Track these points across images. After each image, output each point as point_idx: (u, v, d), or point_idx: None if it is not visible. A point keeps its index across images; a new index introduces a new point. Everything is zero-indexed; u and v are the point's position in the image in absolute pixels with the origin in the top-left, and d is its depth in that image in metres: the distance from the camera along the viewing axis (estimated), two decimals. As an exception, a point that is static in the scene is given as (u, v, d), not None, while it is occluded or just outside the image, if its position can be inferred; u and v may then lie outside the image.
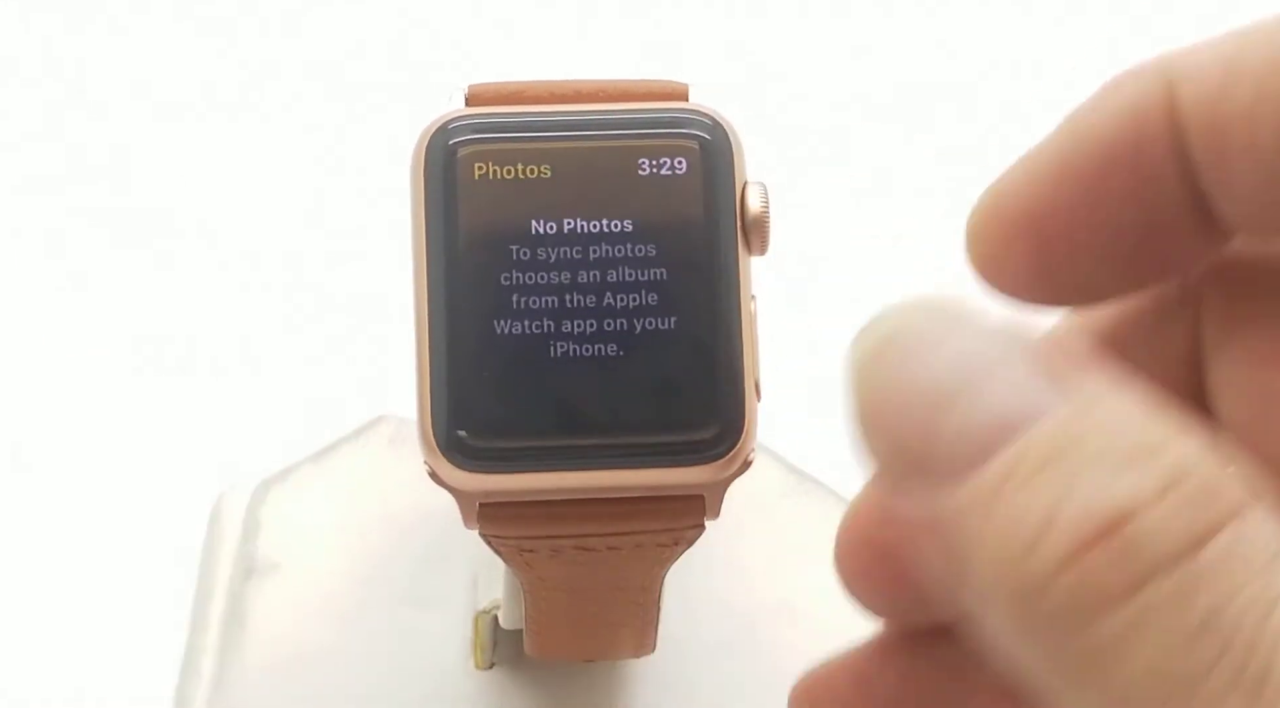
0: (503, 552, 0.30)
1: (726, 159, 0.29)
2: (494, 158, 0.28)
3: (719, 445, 0.28)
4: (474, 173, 0.28)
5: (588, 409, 0.28)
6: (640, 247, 0.28)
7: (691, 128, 0.29)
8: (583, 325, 0.28)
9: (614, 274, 0.28)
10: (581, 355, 0.28)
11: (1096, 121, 0.23)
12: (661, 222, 0.28)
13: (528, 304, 0.28)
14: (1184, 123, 0.22)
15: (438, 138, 0.29)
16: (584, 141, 0.29)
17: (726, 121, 0.29)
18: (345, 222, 0.52)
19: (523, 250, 0.28)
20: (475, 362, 0.28)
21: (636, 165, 0.28)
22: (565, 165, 0.28)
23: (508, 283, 0.28)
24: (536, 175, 0.28)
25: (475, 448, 0.28)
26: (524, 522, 0.29)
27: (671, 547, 0.30)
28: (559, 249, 0.28)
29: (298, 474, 0.43)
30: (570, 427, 0.28)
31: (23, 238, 0.51)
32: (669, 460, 0.28)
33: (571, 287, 0.28)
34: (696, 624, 0.39)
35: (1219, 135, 0.22)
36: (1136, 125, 0.22)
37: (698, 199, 0.28)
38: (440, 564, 0.41)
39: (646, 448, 0.28)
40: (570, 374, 0.28)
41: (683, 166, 0.29)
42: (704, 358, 0.28)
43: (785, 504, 0.42)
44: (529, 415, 0.28)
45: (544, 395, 0.28)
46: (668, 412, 0.28)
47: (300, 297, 0.50)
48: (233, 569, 0.41)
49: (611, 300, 0.28)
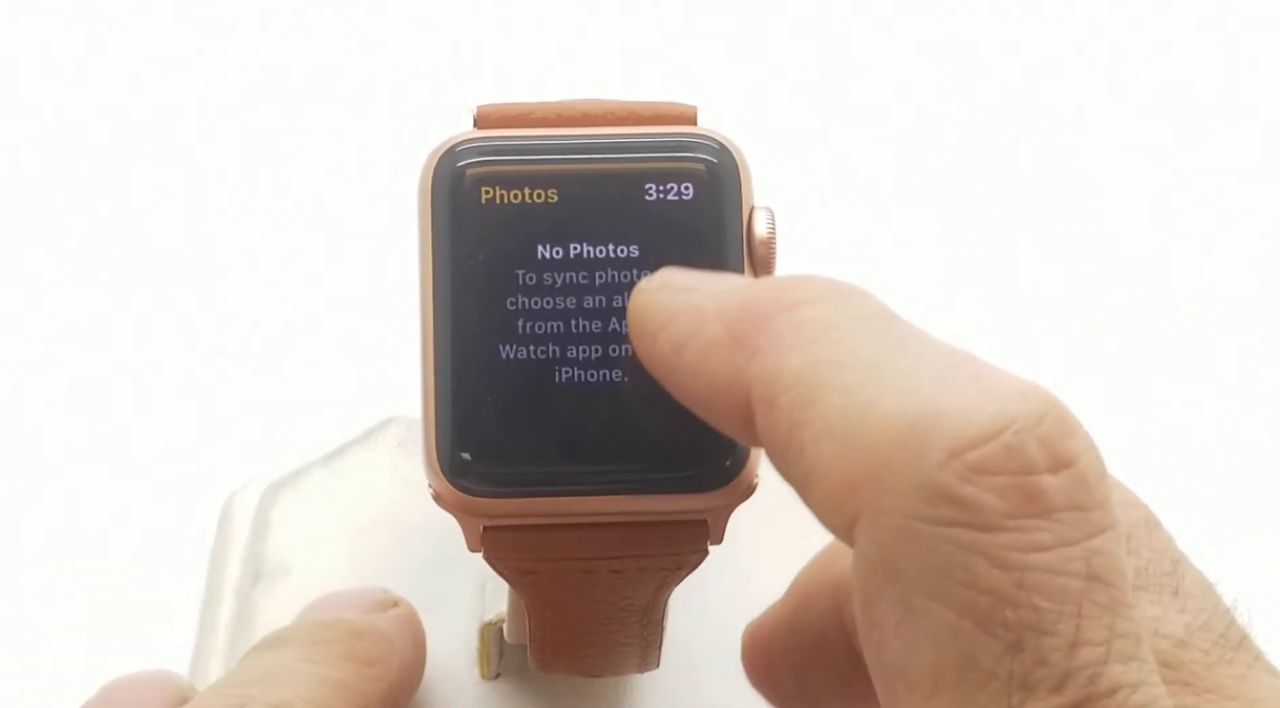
0: (506, 574, 0.30)
1: (733, 183, 0.29)
2: (501, 182, 0.28)
3: (723, 471, 0.28)
4: (481, 197, 0.28)
5: (592, 435, 0.28)
6: (646, 271, 0.28)
7: (698, 152, 0.29)
8: (588, 351, 0.28)
9: (620, 299, 0.28)
10: (587, 381, 0.28)
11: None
12: (668, 246, 0.28)
13: (533, 329, 0.28)
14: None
15: (445, 161, 0.29)
16: (591, 165, 0.28)
17: (734, 145, 0.29)
18: (356, 222, 0.52)
19: (529, 275, 0.28)
20: (480, 386, 0.28)
21: (643, 190, 0.28)
22: (572, 189, 0.28)
23: (513, 307, 0.28)
24: (543, 200, 0.28)
25: (479, 472, 0.28)
26: (527, 545, 0.29)
27: (675, 571, 0.30)
28: (565, 274, 0.28)
29: (307, 477, 0.43)
30: (574, 452, 0.28)
31: (25, 239, 0.51)
32: (673, 486, 0.28)
33: (577, 312, 0.28)
34: (701, 634, 0.39)
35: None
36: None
37: (704, 224, 0.28)
38: (448, 569, 0.41)
39: (650, 474, 0.28)
40: (575, 400, 0.28)
41: (689, 191, 0.28)
42: None
43: (788, 512, 0.42)
44: (533, 440, 0.28)
45: (548, 421, 0.28)
46: (673, 438, 0.28)
47: (308, 298, 0.50)
48: (242, 571, 0.42)
49: (617, 326, 0.28)
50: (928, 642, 0.22)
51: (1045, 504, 0.22)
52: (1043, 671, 0.21)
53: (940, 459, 0.22)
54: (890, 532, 0.22)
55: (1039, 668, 0.21)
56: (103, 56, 0.55)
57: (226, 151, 0.53)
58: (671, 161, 0.29)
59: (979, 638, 0.22)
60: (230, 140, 0.53)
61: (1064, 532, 0.22)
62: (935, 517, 0.22)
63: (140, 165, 0.53)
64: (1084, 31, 0.59)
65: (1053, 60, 0.58)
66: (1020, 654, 0.22)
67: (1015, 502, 0.22)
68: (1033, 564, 0.22)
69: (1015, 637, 0.22)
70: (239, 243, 0.52)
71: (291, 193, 0.53)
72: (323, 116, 0.54)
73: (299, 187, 0.53)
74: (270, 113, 0.54)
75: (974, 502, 0.22)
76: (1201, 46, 0.59)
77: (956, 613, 0.22)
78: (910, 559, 0.22)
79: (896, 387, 0.23)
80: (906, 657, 0.22)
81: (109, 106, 0.54)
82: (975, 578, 0.22)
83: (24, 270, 0.51)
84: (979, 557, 0.22)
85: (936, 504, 0.22)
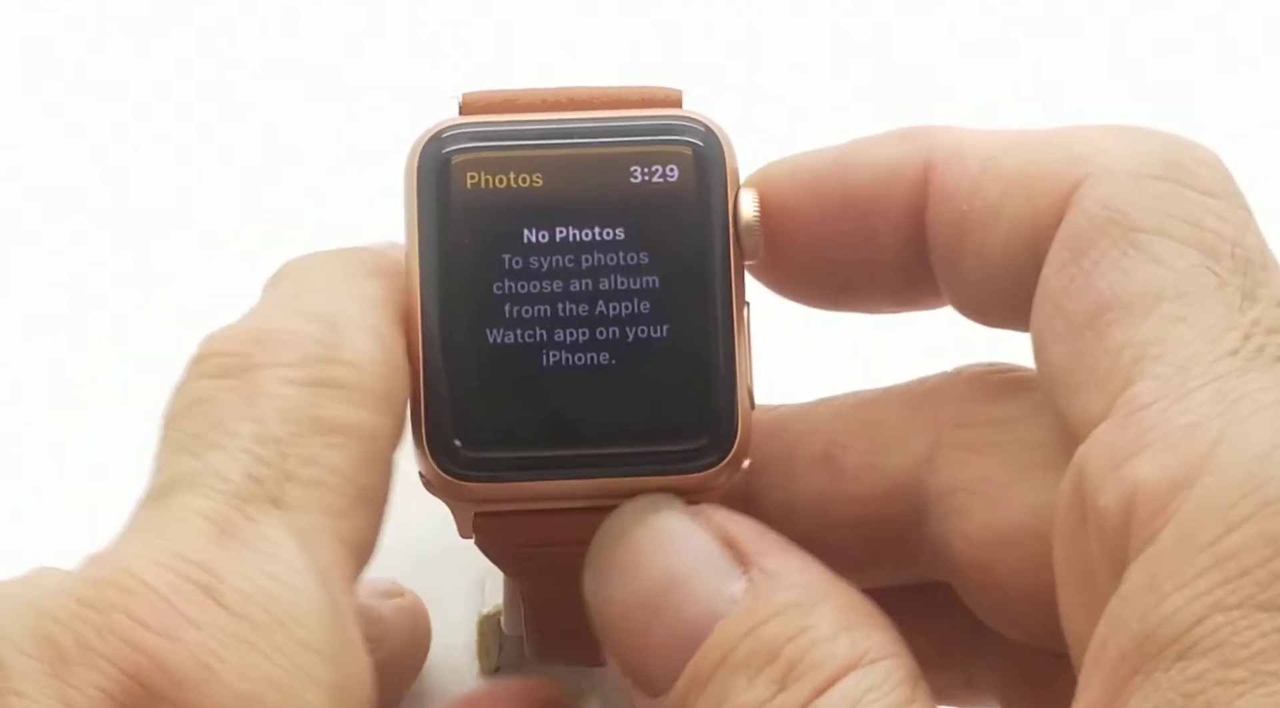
0: (499, 560, 0.30)
1: (719, 165, 0.29)
2: (486, 167, 0.29)
3: (712, 453, 0.28)
4: (466, 182, 0.28)
5: (581, 418, 0.28)
6: (632, 255, 0.28)
7: (684, 134, 0.29)
8: (575, 334, 0.28)
9: (606, 282, 0.28)
10: (574, 364, 0.28)
11: (857, 163, 0.29)
12: (653, 229, 0.28)
13: (520, 313, 0.28)
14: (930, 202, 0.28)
15: (430, 147, 0.29)
16: (576, 149, 0.29)
17: (719, 127, 0.29)
18: (348, 217, 0.52)
19: (515, 259, 0.28)
20: (468, 371, 0.28)
21: (628, 173, 0.29)
22: (557, 173, 0.28)
23: (500, 292, 0.28)
24: (529, 184, 0.28)
25: (469, 457, 0.28)
26: (519, 530, 0.29)
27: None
28: (551, 258, 0.28)
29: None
30: (563, 435, 0.28)
31: (26, 239, 0.52)
32: (663, 468, 0.28)
33: (564, 295, 0.28)
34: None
35: (956, 231, 0.28)
36: (884, 187, 0.29)
37: (690, 206, 0.28)
38: (447, 564, 0.41)
39: (640, 456, 0.28)
40: (563, 383, 0.28)
41: (674, 174, 0.29)
42: (697, 366, 0.28)
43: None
44: (522, 424, 0.28)
45: (537, 405, 0.28)
46: (661, 420, 0.28)
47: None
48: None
49: (604, 309, 0.28)
50: (1153, 265, 0.25)
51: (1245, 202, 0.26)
52: (1265, 290, 0.24)
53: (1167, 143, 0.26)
54: (1120, 184, 0.26)
55: (1262, 288, 0.25)
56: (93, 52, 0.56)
57: (226, 150, 0.54)
58: (657, 144, 0.29)
59: (1207, 261, 0.25)
60: (232, 139, 0.54)
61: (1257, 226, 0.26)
62: (1165, 175, 0.26)
63: (134, 165, 0.53)
64: (1083, 32, 0.59)
65: (1052, 60, 0.58)
66: (1246, 276, 0.25)
67: (1230, 188, 0.26)
68: (1247, 227, 0.25)
69: (1241, 265, 0.25)
70: (236, 238, 0.52)
71: (294, 190, 0.53)
72: (315, 112, 0.55)
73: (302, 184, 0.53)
74: (265, 109, 0.55)
75: (1198, 173, 0.26)
76: (1201, 46, 0.59)
77: (1185, 244, 0.25)
78: (1139, 206, 0.25)
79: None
80: (1123, 284, 0.25)
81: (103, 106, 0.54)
82: (1202, 221, 0.25)
83: (18, 270, 0.51)
84: (1205, 210, 0.25)
85: (1168, 168, 0.26)
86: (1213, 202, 0.26)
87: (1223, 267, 0.25)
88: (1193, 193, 0.26)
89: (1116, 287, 0.25)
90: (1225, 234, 0.25)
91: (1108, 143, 0.27)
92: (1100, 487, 0.24)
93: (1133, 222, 0.25)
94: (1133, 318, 0.25)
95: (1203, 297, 0.24)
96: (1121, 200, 0.26)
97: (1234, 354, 0.24)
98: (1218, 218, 0.25)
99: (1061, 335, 0.26)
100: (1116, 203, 0.26)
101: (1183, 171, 0.26)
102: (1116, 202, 0.26)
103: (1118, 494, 0.23)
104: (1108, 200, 0.26)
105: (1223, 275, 0.25)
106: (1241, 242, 0.25)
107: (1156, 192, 0.26)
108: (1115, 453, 0.24)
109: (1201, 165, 0.26)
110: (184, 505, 0.24)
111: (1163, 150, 0.26)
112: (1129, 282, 0.25)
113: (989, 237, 0.27)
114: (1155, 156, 0.26)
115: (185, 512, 0.24)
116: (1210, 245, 0.25)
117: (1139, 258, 0.25)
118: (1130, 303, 0.25)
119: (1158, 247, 0.25)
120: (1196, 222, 0.25)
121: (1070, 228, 0.26)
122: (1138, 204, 0.25)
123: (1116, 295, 0.25)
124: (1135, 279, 0.25)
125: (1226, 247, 0.25)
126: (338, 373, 0.26)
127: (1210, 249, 0.25)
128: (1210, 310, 0.24)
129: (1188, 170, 0.26)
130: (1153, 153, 0.26)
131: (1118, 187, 0.26)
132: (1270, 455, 0.22)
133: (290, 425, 0.25)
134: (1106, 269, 0.25)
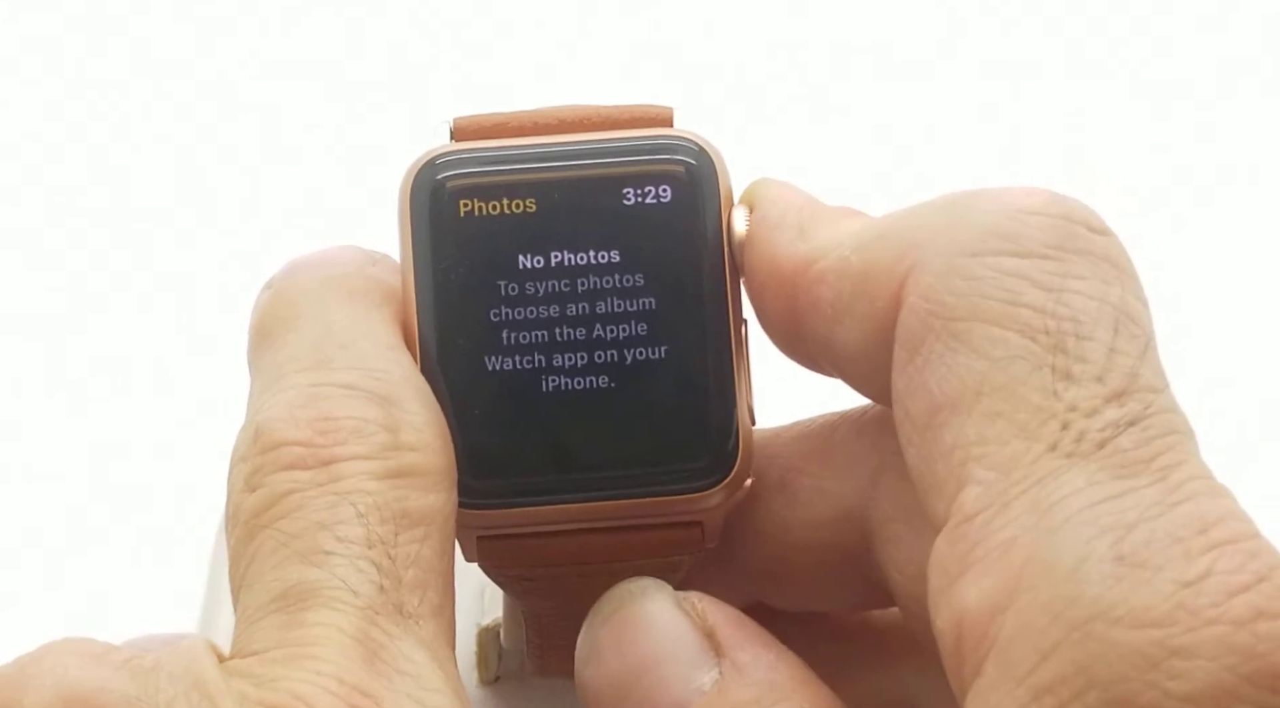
0: (503, 582, 0.31)
1: (711, 183, 0.29)
2: (479, 194, 0.29)
3: (714, 472, 0.28)
4: (459, 210, 0.28)
5: (582, 442, 0.28)
6: (628, 277, 0.28)
7: (675, 153, 0.29)
8: (573, 359, 0.28)
9: (603, 305, 0.28)
10: (574, 389, 0.28)
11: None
12: (648, 250, 0.28)
13: (518, 340, 0.28)
14: (799, 314, 0.28)
15: (423, 175, 0.29)
16: (568, 173, 0.29)
17: (711, 145, 0.29)
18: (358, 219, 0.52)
19: (511, 286, 0.28)
20: (469, 399, 0.28)
21: (621, 194, 0.29)
22: (550, 198, 0.29)
23: (497, 319, 0.28)
24: (522, 210, 0.29)
25: (471, 485, 0.28)
26: (523, 553, 0.29)
27: (671, 573, 0.30)
28: (547, 283, 0.28)
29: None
30: (565, 459, 0.28)
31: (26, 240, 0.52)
32: (665, 489, 0.28)
33: (561, 320, 0.28)
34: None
35: (827, 336, 0.27)
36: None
37: (683, 225, 0.29)
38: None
39: (642, 477, 0.28)
40: (563, 408, 0.28)
41: (667, 194, 0.29)
42: (696, 385, 0.28)
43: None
44: (524, 451, 0.28)
45: (537, 430, 0.28)
46: (662, 441, 0.28)
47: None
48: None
49: (601, 332, 0.28)
50: (972, 358, 0.24)
51: (1084, 245, 0.24)
52: (1083, 366, 0.23)
53: (991, 208, 0.25)
54: (937, 273, 0.25)
55: (1079, 364, 0.23)
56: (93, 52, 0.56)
57: (229, 149, 0.54)
58: (648, 164, 0.29)
59: (1022, 343, 0.24)
60: (239, 139, 0.54)
61: (1101, 271, 0.24)
62: (981, 249, 0.24)
63: (135, 165, 0.53)
64: (1083, 32, 0.59)
65: (1051, 59, 0.58)
66: (1063, 354, 0.23)
67: (1059, 237, 0.24)
68: (1071, 287, 0.24)
69: (1057, 340, 0.23)
70: (237, 245, 0.52)
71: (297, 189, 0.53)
72: (317, 114, 0.54)
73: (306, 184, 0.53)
74: (266, 111, 0.55)
75: (1019, 233, 0.24)
76: (1201, 46, 0.59)
77: (1000, 327, 0.24)
78: (954, 292, 0.24)
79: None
80: (948, 382, 0.24)
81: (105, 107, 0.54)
82: (1018, 296, 0.24)
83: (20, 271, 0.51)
84: (1022, 279, 0.24)
85: (984, 239, 0.24)
86: (1032, 265, 0.24)
87: (1040, 344, 0.24)
88: (1011, 261, 0.24)
89: (945, 385, 0.24)
90: (1041, 305, 0.24)
91: (937, 222, 0.25)
92: (936, 609, 0.23)
93: (949, 311, 0.24)
94: (959, 417, 0.24)
95: (1018, 387, 0.23)
96: (939, 290, 0.25)
97: (1053, 450, 0.23)
98: (1034, 285, 0.24)
99: (910, 438, 0.25)
100: (934, 294, 0.25)
101: (1004, 238, 0.24)
102: (934, 293, 0.25)
103: (950, 617, 0.23)
104: (927, 292, 0.25)
105: (1038, 355, 0.23)
106: (1061, 305, 0.24)
107: (972, 272, 0.24)
108: (948, 570, 0.23)
109: (1029, 218, 0.25)
110: (326, 623, 0.24)
111: (987, 218, 0.25)
112: (953, 378, 0.24)
113: (850, 340, 0.27)
114: (979, 228, 0.25)
115: (331, 631, 0.24)
116: (1026, 322, 0.24)
117: (960, 350, 0.24)
118: (955, 402, 0.24)
119: (976, 335, 0.24)
120: (1012, 298, 0.24)
121: (903, 328, 0.25)
122: (954, 291, 0.24)
123: (945, 394, 0.24)
124: (957, 374, 0.24)
125: (1041, 321, 0.24)
126: (409, 461, 0.26)
127: (1026, 326, 0.24)
128: (1026, 401, 0.23)
129: (1010, 235, 0.24)
130: (977, 224, 0.25)
131: (936, 274, 0.25)
132: (1077, 571, 0.22)
133: (388, 525, 0.25)
134: (935, 367, 0.24)
